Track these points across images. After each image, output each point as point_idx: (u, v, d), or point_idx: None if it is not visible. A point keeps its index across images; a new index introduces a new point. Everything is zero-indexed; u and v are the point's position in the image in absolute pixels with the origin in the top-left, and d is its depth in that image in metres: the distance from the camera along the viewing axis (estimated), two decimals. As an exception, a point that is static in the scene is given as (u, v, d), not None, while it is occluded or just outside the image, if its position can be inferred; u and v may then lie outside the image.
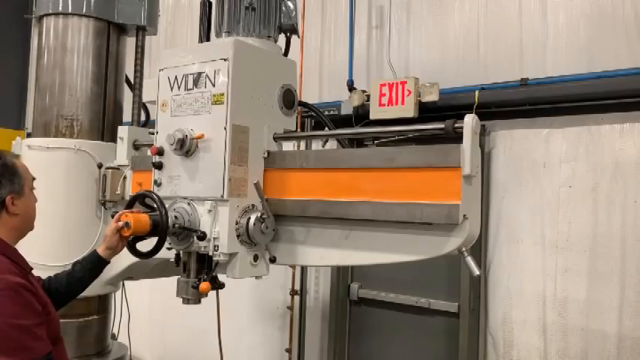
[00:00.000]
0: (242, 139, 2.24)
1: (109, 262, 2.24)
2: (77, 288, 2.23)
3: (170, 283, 2.42)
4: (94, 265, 2.21)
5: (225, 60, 2.24)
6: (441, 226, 1.93)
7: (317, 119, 4.39)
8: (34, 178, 2.14)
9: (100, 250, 2.20)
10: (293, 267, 4.73)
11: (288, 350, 4.83)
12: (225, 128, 2.20)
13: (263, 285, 4.93)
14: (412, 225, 1.99)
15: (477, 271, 1.93)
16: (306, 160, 2.28)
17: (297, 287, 4.80)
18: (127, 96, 3.34)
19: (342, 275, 4.67)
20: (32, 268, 2.08)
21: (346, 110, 4.49)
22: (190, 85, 2.34)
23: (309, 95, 4.77)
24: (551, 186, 3.82)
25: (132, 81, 3.35)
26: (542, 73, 3.90)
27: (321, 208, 2.18)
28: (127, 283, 3.30)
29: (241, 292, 5.04)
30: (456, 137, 1.94)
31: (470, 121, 1.90)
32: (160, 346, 5.93)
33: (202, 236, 2.17)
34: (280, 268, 4.79)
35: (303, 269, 4.77)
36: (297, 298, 4.80)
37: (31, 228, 2.12)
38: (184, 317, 5.05)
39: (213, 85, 2.26)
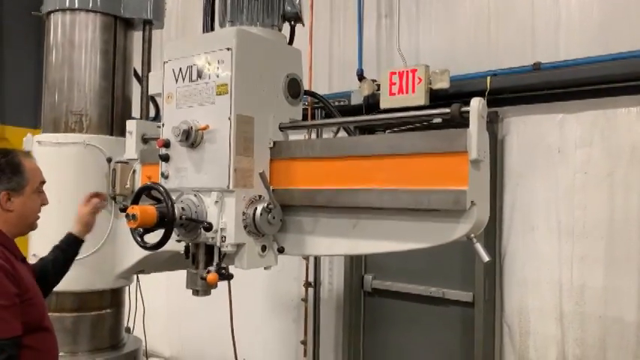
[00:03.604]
0: (247, 130, 2.23)
1: (84, 241, 2.60)
2: (60, 269, 2.48)
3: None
4: (68, 246, 2.53)
5: (228, 50, 2.22)
6: (449, 212, 1.90)
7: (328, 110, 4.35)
8: (43, 182, 2.16)
9: (75, 231, 2.55)
10: (306, 259, 4.72)
11: (304, 342, 4.83)
12: (229, 119, 2.19)
13: (277, 277, 4.93)
14: (419, 212, 1.96)
15: (486, 258, 1.90)
16: (312, 149, 2.26)
17: (311, 279, 4.79)
18: (136, 90, 3.35)
19: (356, 266, 4.64)
20: (25, 258, 2.12)
21: (356, 100, 4.44)
22: (195, 76, 2.33)
23: (320, 86, 4.73)
24: (566, 172, 3.74)
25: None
26: (556, 56, 3.81)
27: (328, 197, 2.16)
28: (144, 277, 3.32)
29: (255, 285, 5.04)
30: (463, 122, 1.90)
31: (476, 104, 1.86)
32: (178, 340, 5.97)
33: (208, 227, 2.17)
34: (294, 261, 4.78)
35: (317, 261, 4.75)
36: (310, 290, 4.79)
37: (31, 228, 2.17)
38: (202, 311, 5.07)
39: (217, 76, 2.24)
